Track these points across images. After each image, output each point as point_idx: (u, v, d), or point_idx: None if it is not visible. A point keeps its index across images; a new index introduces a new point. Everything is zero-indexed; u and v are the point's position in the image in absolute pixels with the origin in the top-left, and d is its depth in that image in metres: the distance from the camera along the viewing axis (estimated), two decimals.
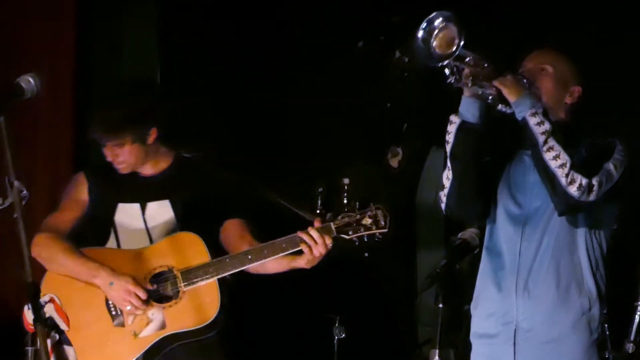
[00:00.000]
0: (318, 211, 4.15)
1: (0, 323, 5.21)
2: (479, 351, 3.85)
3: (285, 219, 4.12)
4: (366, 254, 6.32)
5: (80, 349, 3.99)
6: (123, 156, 4.14)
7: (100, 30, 5.59)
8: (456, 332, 4.02)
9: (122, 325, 4.00)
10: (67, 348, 3.98)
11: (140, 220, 4.17)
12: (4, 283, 5.18)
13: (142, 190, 4.21)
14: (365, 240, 4.03)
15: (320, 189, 5.68)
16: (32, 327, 3.54)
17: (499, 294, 3.75)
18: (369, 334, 5.86)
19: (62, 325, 3.96)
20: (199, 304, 4.00)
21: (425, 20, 3.45)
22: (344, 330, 5.47)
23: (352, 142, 6.22)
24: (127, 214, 4.19)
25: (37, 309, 3.08)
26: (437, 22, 3.44)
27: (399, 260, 6.36)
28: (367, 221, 4.01)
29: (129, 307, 3.95)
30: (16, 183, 3.15)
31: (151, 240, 4.16)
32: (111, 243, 4.19)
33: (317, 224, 3.99)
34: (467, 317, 3.99)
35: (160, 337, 3.98)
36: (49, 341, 3.75)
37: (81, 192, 4.25)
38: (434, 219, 6.25)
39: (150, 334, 3.99)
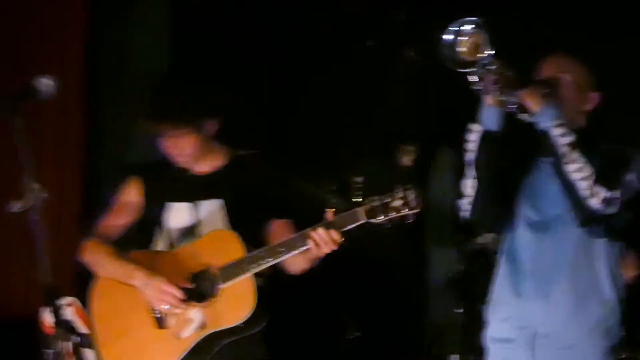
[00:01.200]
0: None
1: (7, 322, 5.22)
2: (495, 355, 3.82)
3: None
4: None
5: (126, 355, 3.97)
6: (182, 148, 4.03)
7: (109, 27, 5.59)
8: (474, 336, 4.00)
9: (166, 327, 3.97)
10: (86, 351, 3.96)
11: (192, 219, 4.12)
12: (17, 284, 5.16)
13: (194, 189, 4.11)
14: (397, 222, 3.87)
15: (334, 187, 5.68)
16: (52, 330, 3.50)
17: (516, 299, 3.73)
18: (380, 332, 5.86)
19: (82, 329, 3.95)
20: (235, 301, 3.93)
21: (453, 23, 3.43)
22: (355, 328, 5.48)
23: (364, 141, 6.21)
24: (179, 213, 4.11)
25: (57, 312, 3.06)
26: (466, 27, 3.42)
27: (410, 258, 6.36)
28: (397, 203, 3.84)
29: (167, 307, 3.92)
30: (35, 185, 3.13)
31: None
32: (162, 242, 4.12)
33: (329, 215, 3.86)
34: (480, 316, 3.98)
35: (202, 336, 3.93)
36: (68, 344, 3.73)
37: (136, 196, 4.16)
38: (444, 216, 6.24)
39: (191, 334, 3.94)
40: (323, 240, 3.86)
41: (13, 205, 3.17)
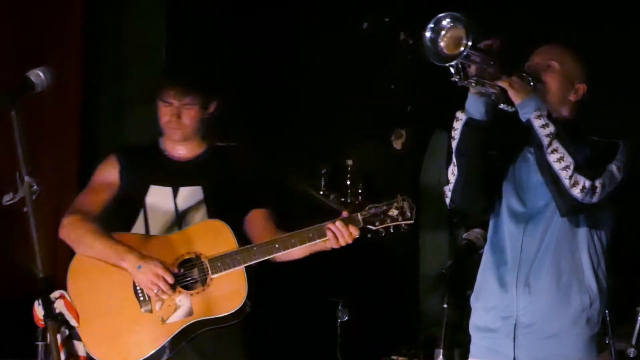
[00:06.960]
0: (322, 192, 4.19)
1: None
2: (478, 344, 3.87)
3: (311, 209, 4.21)
4: (369, 235, 6.37)
5: (104, 335, 4.00)
6: (185, 119, 4.16)
7: (107, 14, 5.62)
8: (462, 331, 4.05)
9: (150, 311, 4.02)
10: (77, 343, 4.00)
11: (171, 203, 4.17)
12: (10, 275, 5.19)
13: (174, 174, 4.21)
14: (392, 231, 4.10)
15: (324, 170, 5.70)
16: (43, 323, 3.55)
17: (500, 289, 3.77)
18: (372, 317, 5.90)
19: (72, 321, 3.97)
20: (226, 292, 4.03)
21: (432, 20, 3.45)
22: (347, 312, 5.51)
23: (356, 124, 6.24)
24: (158, 197, 4.18)
25: (48, 305, 3.10)
26: (445, 22, 3.44)
27: (402, 242, 6.38)
28: (394, 212, 4.08)
29: (155, 291, 3.97)
30: (27, 178, 3.16)
31: (180, 225, 4.17)
32: (139, 224, 4.18)
33: (345, 214, 4.05)
34: (468, 303, 4.02)
35: (187, 324, 4.01)
36: (59, 336, 3.78)
37: (112, 174, 4.22)
38: (438, 201, 6.25)
39: (177, 320, 4.02)
40: (340, 234, 4.00)
41: (7, 197, 3.22)
